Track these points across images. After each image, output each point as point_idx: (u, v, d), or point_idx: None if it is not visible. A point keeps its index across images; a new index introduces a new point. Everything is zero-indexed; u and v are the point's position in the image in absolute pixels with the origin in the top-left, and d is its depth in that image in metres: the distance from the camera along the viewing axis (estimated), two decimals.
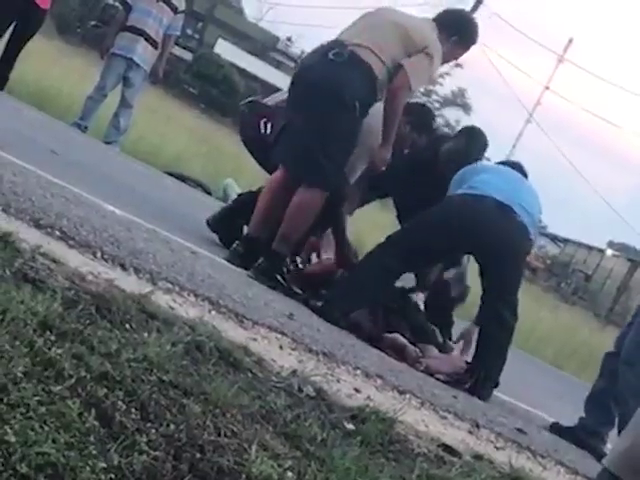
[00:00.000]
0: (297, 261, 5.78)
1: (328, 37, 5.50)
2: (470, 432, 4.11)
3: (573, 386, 9.14)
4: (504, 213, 5.27)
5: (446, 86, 54.55)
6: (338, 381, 3.70)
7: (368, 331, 5.20)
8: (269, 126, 5.99)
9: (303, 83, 5.40)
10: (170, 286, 3.64)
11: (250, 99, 6.43)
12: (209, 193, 11.24)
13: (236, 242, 5.48)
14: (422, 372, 5.06)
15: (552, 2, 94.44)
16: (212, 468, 2.55)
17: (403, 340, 5.23)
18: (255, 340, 3.63)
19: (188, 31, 39.43)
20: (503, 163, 6.04)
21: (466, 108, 55.90)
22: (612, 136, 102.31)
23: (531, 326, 11.94)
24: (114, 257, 3.62)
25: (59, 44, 24.44)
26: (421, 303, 5.87)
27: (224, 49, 39.86)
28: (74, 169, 6.09)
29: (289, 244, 5.36)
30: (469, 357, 5.58)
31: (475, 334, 5.66)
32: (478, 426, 4.20)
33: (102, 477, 2.30)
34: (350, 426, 3.25)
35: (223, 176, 11.94)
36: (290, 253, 5.54)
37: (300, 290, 5.38)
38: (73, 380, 2.50)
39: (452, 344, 5.77)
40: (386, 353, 5.04)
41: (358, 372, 3.98)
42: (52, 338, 2.64)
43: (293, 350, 3.78)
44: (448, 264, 5.95)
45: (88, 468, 2.29)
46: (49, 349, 2.57)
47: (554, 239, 43.56)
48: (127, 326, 2.99)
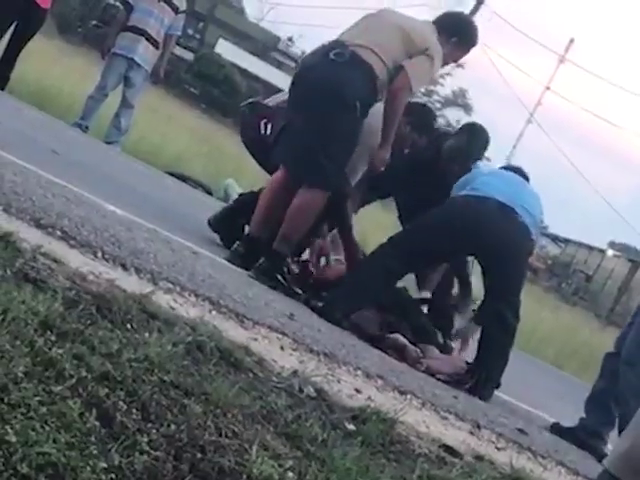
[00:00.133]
0: (299, 261, 5.77)
1: (329, 37, 5.52)
2: (471, 433, 4.11)
3: (574, 386, 9.13)
4: (506, 214, 5.27)
5: (447, 86, 54.62)
6: (339, 381, 3.70)
7: (369, 332, 5.20)
8: (269, 127, 6.00)
9: (304, 83, 5.41)
10: (171, 286, 3.64)
11: (250, 100, 6.44)
12: (210, 193, 11.24)
13: (237, 242, 5.49)
14: (423, 372, 5.06)
15: (553, 2, 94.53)
16: (213, 468, 2.55)
17: (404, 340, 5.23)
18: (256, 340, 3.63)
19: (189, 31, 39.43)
20: (505, 168, 6.05)
21: (467, 108, 55.95)
22: (613, 136, 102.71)
23: (532, 326, 11.93)
24: (115, 257, 3.62)
25: (60, 44, 24.44)
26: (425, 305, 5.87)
27: (225, 49, 39.85)
28: (75, 169, 6.08)
29: (290, 244, 5.37)
30: (467, 356, 5.58)
31: (473, 333, 5.66)
32: (479, 427, 4.19)
33: (103, 477, 2.31)
34: (351, 426, 3.25)
35: (224, 176, 11.94)
36: (291, 253, 5.54)
37: (300, 290, 5.38)
38: (74, 380, 2.51)
39: (452, 344, 5.78)
40: (387, 353, 5.04)
41: (359, 372, 3.97)
42: (53, 338, 2.64)
43: (294, 350, 3.78)
44: (453, 267, 5.94)
45: (89, 468, 2.29)
46: (50, 349, 2.57)
47: (555, 239, 43.53)
48: (128, 326, 2.99)
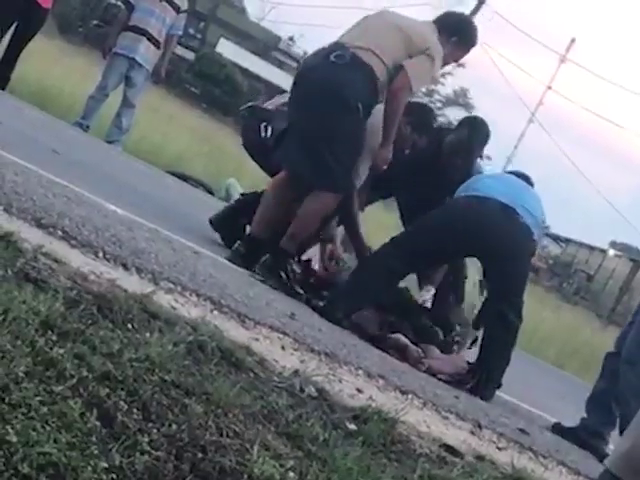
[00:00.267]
0: (300, 261, 5.77)
1: (330, 37, 5.53)
2: (472, 432, 4.10)
3: (575, 386, 9.13)
4: (507, 215, 5.27)
5: (448, 86, 54.57)
6: (340, 381, 3.70)
7: (370, 331, 5.20)
8: (269, 130, 6.01)
9: (305, 85, 5.42)
10: (172, 286, 3.64)
11: (250, 104, 6.45)
12: (211, 193, 11.24)
13: (238, 242, 5.49)
14: (424, 372, 5.06)
15: (554, 2, 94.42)
16: (214, 468, 2.55)
17: (405, 340, 5.23)
18: (257, 340, 3.63)
19: (190, 30, 39.41)
20: (510, 173, 6.04)
21: (468, 108, 55.88)
22: (614, 136, 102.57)
23: (533, 326, 11.92)
24: (116, 257, 3.62)
25: (61, 44, 24.43)
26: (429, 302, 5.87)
27: (226, 49, 39.85)
28: (76, 168, 6.08)
29: (297, 243, 5.42)
30: (468, 356, 5.58)
31: (470, 338, 5.67)
32: (480, 426, 4.19)
33: (104, 477, 2.30)
34: (352, 426, 3.25)
35: (225, 176, 11.95)
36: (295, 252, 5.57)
37: (302, 290, 5.38)
38: (75, 380, 2.50)
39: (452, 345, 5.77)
40: (388, 353, 5.04)
41: (360, 372, 3.97)
42: (54, 338, 2.64)
43: (295, 350, 3.78)
44: (451, 270, 5.94)
45: (90, 468, 2.29)
46: (51, 349, 2.57)
47: (556, 239, 43.50)
48: (129, 326, 2.98)
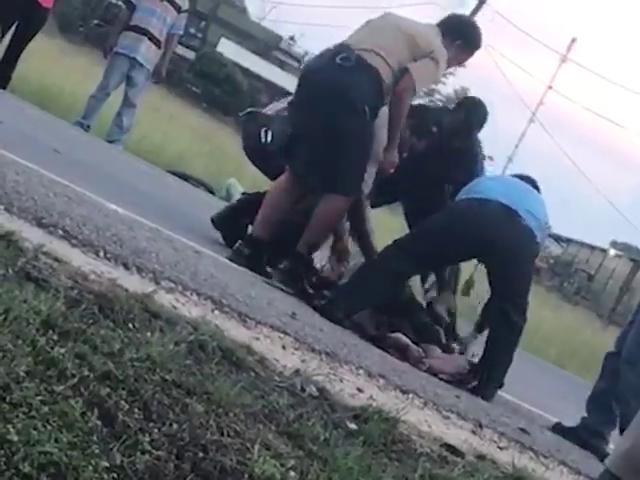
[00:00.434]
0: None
1: (331, 36, 5.59)
2: (473, 432, 4.10)
3: (576, 386, 9.13)
4: (509, 217, 5.26)
5: (449, 85, 54.45)
6: (341, 381, 3.70)
7: (371, 331, 5.19)
8: (269, 135, 6.01)
9: (311, 87, 5.40)
10: (173, 285, 3.64)
11: (249, 110, 6.44)
12: (211, 192, 11.23)
13: (239, 242, 5.49)
14: (425, 372, 5.06)
15: (555, 2, 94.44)
16: (215, 467, 2.55)
17: (406, 340, 5.23)
18: (258, 339, 3.63)
19: (191, 30, 39.43)
20: (515, 176, 6.03)
21: None
22: (615, 136, 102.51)
23: (534, 326, 11.91)
24: (117, 256, 3.62)
25: (61, 43, 24.44)
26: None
27: (227, 48, 39.87)
28: (77, 168, 6.08)
29: (315, 248, 5.46)
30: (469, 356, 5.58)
31: (471, 344, 5.67)
32: (481, 426, 4.19)
33: (105, 476, 2.30)
34: (353, 426, 3.25)
35: (225, 175, 11.95)
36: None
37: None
38: (76, 379, 2.50)
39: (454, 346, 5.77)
40: (389, 353, 5.03)
41: (361, 372, 3.97)
42: (55, 337, 2.64)
43: (296, 350, 3.78)
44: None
45: (91, 467, 2.29)
46: (52, 348, 2.56)
47: (557, 239, 43.48)
48: (130, 325, 2.98)
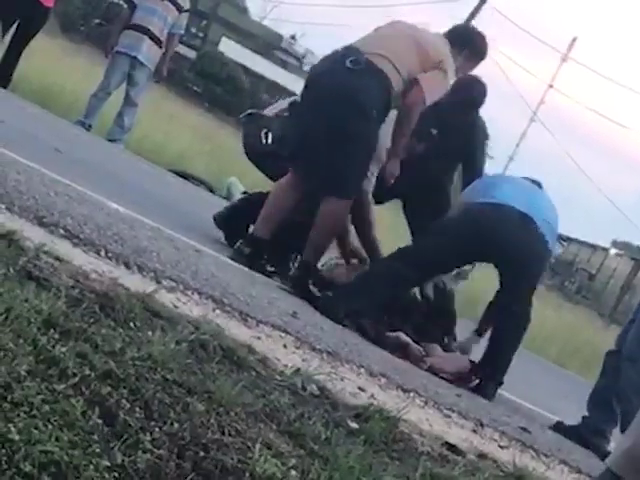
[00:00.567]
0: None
1: (332, 35, 5.57)
2: (474, 431, 4.10)
3: (577, 385, 9.13)
4: (524, 224, 5.24)
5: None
6: (342, 380, 3.70)
7: (371, 330, 5.19)
8: (270, 136, 6.01)
9: (319, 89, 5.38)
10: (174, 284, 3.64)
11: (249, 112, 6.44)
12: (212, 191, 11.23)
13: (240, 241, 5.49)
14: (426, 371, 5.06)
15: (556, 0, 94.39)
16: (216, 467, 2.55)
17: (406, 339, 5.23)
18: (259, 339, 3.63)
19: (192, 29, 39.41)
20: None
21: None
22: (616, 135, 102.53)
23: (535, 325, 11.90)
24: (118, 255, 3.62)
25: (63, 42, 24.41)
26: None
27: (228, 47, 39.85)
28: (78, 167, 6.09)
29: (320, 254, 5.45)
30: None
31: (474, 345, 5.68)
32: (482, 425, 4.19)
33: (106, 475, 2.31)
34: (354, 425, 3.25)
35: (226, 174, 11.93)
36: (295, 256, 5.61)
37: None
38: (77, 378, 2.50)
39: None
40: (390, 352, 5.03)
41: (362, 371, 3.97)
42: (56, 336, 2.64)
43: (297, 349, 3.78)
44: None
45: (92, 466, 2.29)
46: (53, 347, 2.57)
47: (558, 238, 43.43)
48: (131, 324, 2.98)
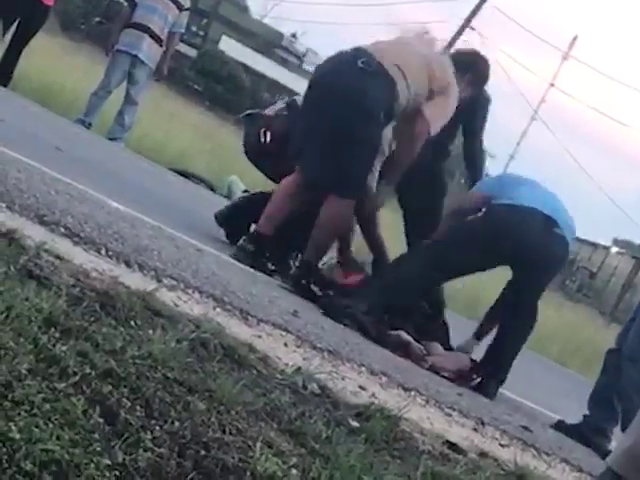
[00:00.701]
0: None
1: (332, 33, 5.56)
2: (475, 429, 4.10)
3: (578, 384, 9.13)
4: (548, 227, 5.23)
5: None
6: (343, 378, 3.70)
7: (372, 329, 5.18)
8: (268, 135, 6.01)
9: (327, 88, 5.36)
10: (175, 283, 3.64)
11: (249, 112, 6.44)
12: (213, 190, 11.24)
13: (242, 239, 5.49)
14: (427, 370, 5.06)
15: None
16: (216, 465, 2.55)
17: (407, 337, 5.22)
18: (260, 337, 3.63)
19: (192, 28, 39.38)
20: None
21: None
22: (617, 133, 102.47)
23: (536, 324, 11.92)
24: (119, 254, 3.62)
25: (63, 41, 24.41)
26: None
27: (229, 46, 39.84)
28: (78, 166, 6.09)
29: (322, 255, 5.47)
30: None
31: (473, 349, 5.68)
32: (483, 423, 4.19)
33: (106, 474, 2.31)
34: (355, 423, 3.25)
35: (227, 173, 11.94)
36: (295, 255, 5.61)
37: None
38: (78, 377, 2.50)
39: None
40: (391, 351, 5.03)
41: (363, 369, 3.97)
42: (57, 335, 2.64)
43: (298, 347, 3.77)
44: None
45: (92, 465, 2.29)
46: (54, 346, 2.56)
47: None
48: (132, 323, 2.98)
